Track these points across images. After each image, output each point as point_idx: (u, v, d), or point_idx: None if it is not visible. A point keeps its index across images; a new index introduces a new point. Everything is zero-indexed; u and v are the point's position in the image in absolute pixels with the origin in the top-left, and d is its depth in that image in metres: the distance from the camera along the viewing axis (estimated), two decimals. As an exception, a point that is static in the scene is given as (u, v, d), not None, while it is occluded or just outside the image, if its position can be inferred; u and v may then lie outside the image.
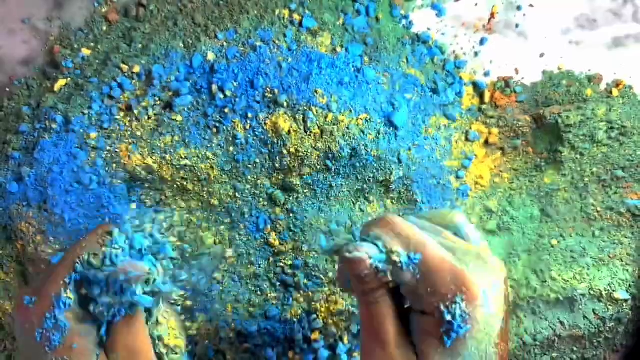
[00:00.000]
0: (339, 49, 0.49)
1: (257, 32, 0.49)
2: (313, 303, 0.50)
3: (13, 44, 0.52)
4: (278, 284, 0.50)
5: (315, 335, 0.50)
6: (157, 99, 0.48)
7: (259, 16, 0.50)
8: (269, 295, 0.50)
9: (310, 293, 0.49)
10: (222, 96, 0.47)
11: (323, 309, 0.50)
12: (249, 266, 0.50)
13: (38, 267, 0.49)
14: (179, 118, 0.48)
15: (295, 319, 0.50)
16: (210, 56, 0.48)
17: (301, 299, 0.50)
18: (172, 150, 0.47)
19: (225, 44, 0.49)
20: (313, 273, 0.49)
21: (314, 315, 0.50)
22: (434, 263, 0.32)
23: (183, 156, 0.47)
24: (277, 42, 0.49)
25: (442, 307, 0.32)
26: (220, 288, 0.50)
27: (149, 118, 0.48)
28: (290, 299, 0.50)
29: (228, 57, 0.48)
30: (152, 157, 0.47)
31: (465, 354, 0.32)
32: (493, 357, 0.33)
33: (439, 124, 0.51)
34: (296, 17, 0.50)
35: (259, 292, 0.50)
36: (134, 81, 0.49)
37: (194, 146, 0.47)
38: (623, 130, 0.51)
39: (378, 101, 0.48)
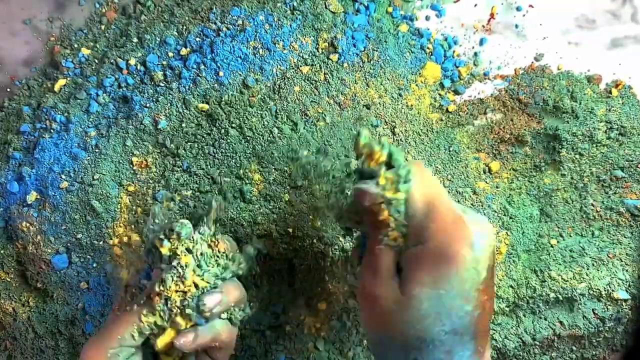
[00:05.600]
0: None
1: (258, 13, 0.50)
2: None
3: (15, 44, 0.53)
4: None
5: None
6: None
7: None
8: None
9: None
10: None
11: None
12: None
13: (38, 266, 0.49)
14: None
15: None
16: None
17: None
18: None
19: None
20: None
21: None
22: (442, 206, 0.37)
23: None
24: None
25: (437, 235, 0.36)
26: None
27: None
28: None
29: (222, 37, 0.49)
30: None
31: (448, 288, 0.35)
32: (473, 300, 0.35)
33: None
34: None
35: None
36: (131, 75, 0.50)
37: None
38: (622, 131, 0.51)
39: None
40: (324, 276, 0.49)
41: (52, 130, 0.49)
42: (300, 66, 0.49)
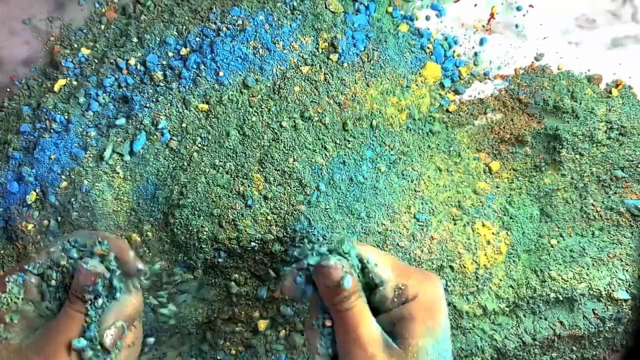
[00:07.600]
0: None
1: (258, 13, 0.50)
2: None
3: (14, 44, 0.53)
4: None
5: None
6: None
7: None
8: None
9: None
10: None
11: None
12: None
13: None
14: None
15: None
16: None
17: None
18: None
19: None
20: None
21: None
22: (402, 264, 0.40)
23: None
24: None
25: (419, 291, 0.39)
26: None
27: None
28: None
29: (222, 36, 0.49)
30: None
31: (444, 331, 0.38)
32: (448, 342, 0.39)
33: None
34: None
35: None
36: (131, 75, 0.50)
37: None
38: (622, 131, 0.51)
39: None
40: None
41: (52, 130, 0.49)
42: (300, 66, 0.49)
